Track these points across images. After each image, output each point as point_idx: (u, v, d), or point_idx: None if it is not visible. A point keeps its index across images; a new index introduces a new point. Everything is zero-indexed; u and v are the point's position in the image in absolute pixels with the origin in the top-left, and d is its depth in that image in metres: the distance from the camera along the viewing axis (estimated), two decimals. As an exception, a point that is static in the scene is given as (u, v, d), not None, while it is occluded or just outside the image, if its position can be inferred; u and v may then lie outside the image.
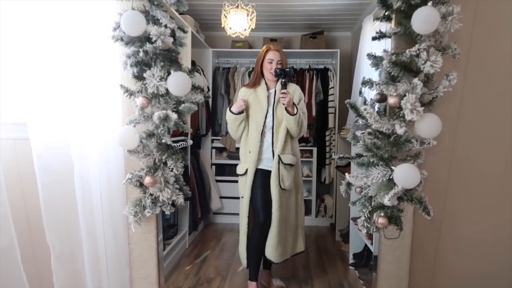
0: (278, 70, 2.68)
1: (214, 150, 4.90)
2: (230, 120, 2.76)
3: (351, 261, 3.65)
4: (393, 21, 1.92)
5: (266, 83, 2.80)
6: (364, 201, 2.01)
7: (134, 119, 1.92)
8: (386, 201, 1.72)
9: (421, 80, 1.78)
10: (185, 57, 3.95)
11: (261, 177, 2.73)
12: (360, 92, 3.94)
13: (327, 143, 4.81)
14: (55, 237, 2.11)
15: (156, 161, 1.97)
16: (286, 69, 2.68)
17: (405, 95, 1.81)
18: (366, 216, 1.82)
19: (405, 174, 1.74)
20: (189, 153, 4.17)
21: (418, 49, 1.72)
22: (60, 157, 2.05)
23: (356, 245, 3.66)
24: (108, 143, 2.08)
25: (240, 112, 2.72)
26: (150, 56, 1.88)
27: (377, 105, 2.03)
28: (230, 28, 3.64)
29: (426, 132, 1.77)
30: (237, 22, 3.58)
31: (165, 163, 1.98)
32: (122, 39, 1.89)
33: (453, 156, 2.19)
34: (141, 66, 1.89)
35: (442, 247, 2.33)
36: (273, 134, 2.72)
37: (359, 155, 2.08)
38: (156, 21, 1.90)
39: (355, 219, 3.70)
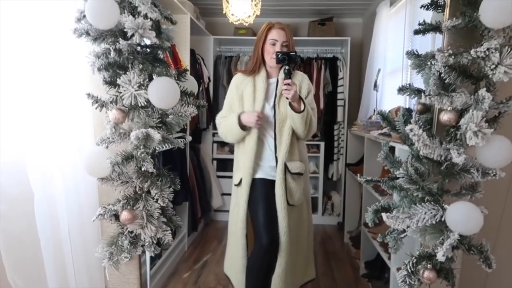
0: (280, 54, 1.94)
1: (215, 145, 4.40)
2: (235, 132, 2.08)
3: (363, 270, 3.18)
4: (447, 10, 1.36)
5: (266, 70, 2.13)
6: (396, 236, 1.51)
7: (106, 138, 1.39)
8: (440, 256, 1.21)
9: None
10: (184, 45, 3.42)
11: (263, 188, 2.07)
12: (375, 86, 3.39)
13: (336, 138, 4.29)
14: (17, 275, 1.61)
15: (137, 190, 1.45)
16: (291, 53, 1.95)
17: (462, 110, 1.29)
18: (410, 269, 1.31)
19: (464, 217, 1.23)
20: (189, 149, 3.69)
21: (488, 49, 1.18)
22: (18, 181, 1.53)
23: (368, 252, 3.21)
24: (76, 163, 1.55)
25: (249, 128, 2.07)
26: (126, 56, 1.34)
27: (415, 115, 1.49)
28: (233, 14, 3.06)
29: (493, 160, 1.24)
30: (241, 8, 3.00)
31: (149, 192, 1.46)
32: (88, 34, 1.34)
33: (511, 186, 1.65)
34: (114, 69, 1.35)
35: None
36: (275, 136, 2.07)
37: (392, 178, 1.56)
38: (133, 10, 1.36)
39: (367, 225, 3.23)
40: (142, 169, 1.36)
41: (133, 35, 1.30)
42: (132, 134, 1.33)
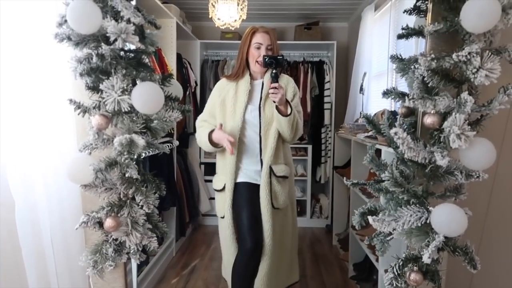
0: (267, 58, 1.95)
1: (203, 149, 4.36)
2: (209, 147, 2.06)
3: (351, 272, 3.19)
4: (429, 15, 1.37)
5: (250, 74, 2.11)
6: (383, 239, 1.51)
7: (89, 144, 1.37)
8: (426, 258, 1.21)
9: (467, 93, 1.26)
10: (170, 49, 3.40)
11: (247, 192, 2.05)
12: (361, 89, 3.41)
13: (323, 141, 4.31)
14: (2, 282, 1.58)
15: (121, 196, 1.43)
16: (278, 57, 1.95)
17: (446, 114, 1.29)
18: (396, 271, 1.32)
19: (448, 219, 1.23)
20: (176, 153, 3.66)
21: (470, 53, 1.19)
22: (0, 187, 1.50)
23: (356, 254, 3.22)
24: (59, 170, 1.52)
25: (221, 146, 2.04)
26: (109, 61, 1.32)
27: (399, 119, 1.49)
28: (219, 19, 3.06)
29: (476, 162, 1.25)
30: (227, 13, 3.00)
31: (133, 198, 1.44)
32: (69, 38, 1.32)
33: (493, 188, 1.66)
34: (96, 75, 1.33)
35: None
36: (260, 139, 2.05)
37: (378, 181, 1.57)
38: (116, 14, 1.34)
39: (355, 228, 3.24)
40: (126, 175, 1.34)
41: (116, 39, 1.28)
42: (115, 140, 1.31)
